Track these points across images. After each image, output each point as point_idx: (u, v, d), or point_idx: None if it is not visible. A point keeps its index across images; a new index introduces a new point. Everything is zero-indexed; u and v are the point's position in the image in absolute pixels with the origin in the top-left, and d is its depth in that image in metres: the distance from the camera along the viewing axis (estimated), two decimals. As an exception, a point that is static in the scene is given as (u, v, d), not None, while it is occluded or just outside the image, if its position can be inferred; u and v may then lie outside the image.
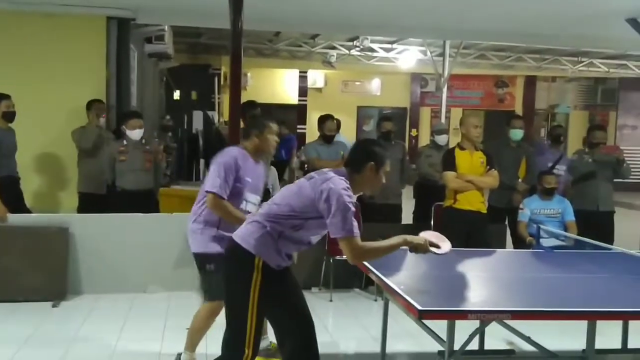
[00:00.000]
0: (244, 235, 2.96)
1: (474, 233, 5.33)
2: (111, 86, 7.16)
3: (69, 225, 5.61)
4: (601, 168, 6.19)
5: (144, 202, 6.04)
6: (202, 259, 3.79)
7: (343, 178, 2.92)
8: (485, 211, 5.48)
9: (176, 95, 15.33)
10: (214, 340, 3.12)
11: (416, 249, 3.02)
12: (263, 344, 4.15)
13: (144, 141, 6.15)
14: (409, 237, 3.03)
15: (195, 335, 3.86)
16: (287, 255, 3.00)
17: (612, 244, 5.35)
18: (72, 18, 6.85)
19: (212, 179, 3.65)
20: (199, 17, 7.56)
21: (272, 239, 2.92)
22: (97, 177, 6.27)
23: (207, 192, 3.68)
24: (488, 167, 5.45)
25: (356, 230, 2.85)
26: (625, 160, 6.26)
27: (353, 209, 2.85)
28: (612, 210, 6.31)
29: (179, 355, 3.89)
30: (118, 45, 7.25)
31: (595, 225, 6.03)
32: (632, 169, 6.36)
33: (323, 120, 6.60)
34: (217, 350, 3.06)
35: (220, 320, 3.23)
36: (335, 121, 6.60)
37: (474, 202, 5.40)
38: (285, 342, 3.01)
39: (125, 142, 6.06)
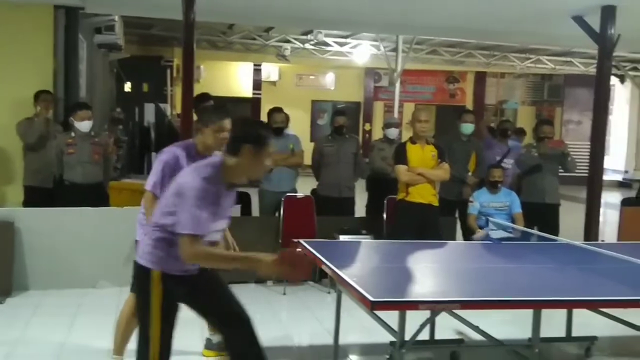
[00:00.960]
0: (140, 252, 2.86)
1: (426, 225, 5.40)
2: (59, 77, 6.95)
3: (14, 220, 5.44)
4: (547, 162, 6.36)
5: (93, 195, 5.90)
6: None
7: (210, 167, 2.69)
8: (437, 204, 5.56)
9: (127, 87, 15.03)
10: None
11: (262, 271, 2.69)
12: (216, 339, 4.12)
13: (92, 133, 6.01)
14: (262, 259, 2.66)
15: (122, 334, 3.76)
16: None
17: (557, 236, 5.50)
18: (18, 7, 6.62)
19: (150, 177, 3.59)
20: (150, 8, 7.42)
21: (164, 248, 2.75)
22: (44, 170, 6.10)
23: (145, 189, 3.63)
24: (439, 160, 5.53)
25: (201, 230, 2.62)
26: (570, 154, 6.44)
27: (202, 206, 2.58)
28: (558, 203, 6.49)
29: None
30: (66, 35, 7.05)
31: (542, 217, 6.20)
32: (577, 163, 6.55)
33: (271, 112, 6.58)
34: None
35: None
36: (283, 113, 6.57)
37: (425, 195, 5.47)
38: (224, 339, 2.98)
39: (73, 134, 5.90)
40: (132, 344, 3.75)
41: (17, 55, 6.63)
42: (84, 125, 5.85)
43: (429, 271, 3.89)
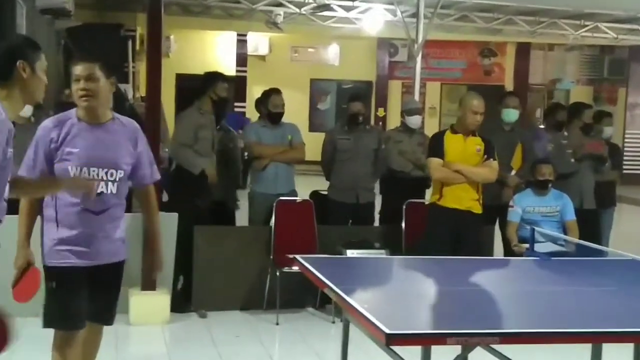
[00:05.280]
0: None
1: (463, 237, 5.39)
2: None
3: None
4: (585, 161, 6.50)
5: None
6: (44, 271, 3.61)
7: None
8: (479, 211, 5.52)
9: (78, 63, 15.03)
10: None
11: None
12: None
13: (33, 120, 6.01)
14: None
15: None
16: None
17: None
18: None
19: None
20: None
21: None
22: None
23: None
24: (486, 156, 5.48)
25: None
26: (608, 159, 6.66)
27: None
28: (595, 209, 6.58)
29: None
30: (0, -2, 7.05)
31: (580, 226, 6.18)
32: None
33: (268, 94, 6.56)
34: None
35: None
36: (282, 96, 6.56)
37: (463, 198, 5.43)
38: None
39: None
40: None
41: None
42: (25, 110, 5.81)
43: (460, 296, 3.88)
